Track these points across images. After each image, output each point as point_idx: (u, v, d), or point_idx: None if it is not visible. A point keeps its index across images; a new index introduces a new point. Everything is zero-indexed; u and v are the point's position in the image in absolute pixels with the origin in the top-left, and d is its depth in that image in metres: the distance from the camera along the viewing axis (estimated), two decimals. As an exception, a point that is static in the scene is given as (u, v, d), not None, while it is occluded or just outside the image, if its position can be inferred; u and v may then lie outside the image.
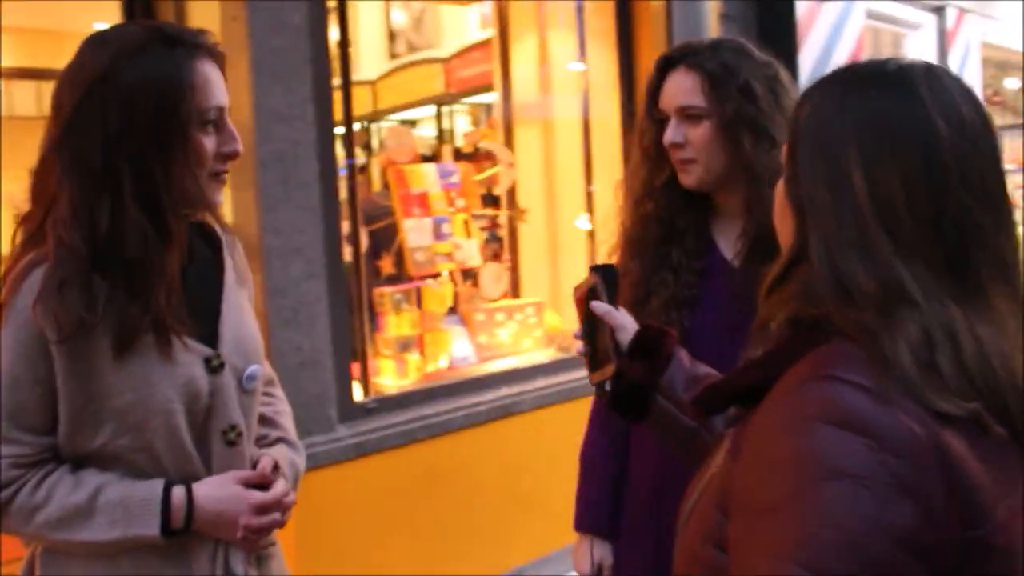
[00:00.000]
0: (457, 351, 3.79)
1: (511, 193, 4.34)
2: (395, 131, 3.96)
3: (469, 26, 5.58)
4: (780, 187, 0.93)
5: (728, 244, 1.63)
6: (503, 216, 4.42)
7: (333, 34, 3.05)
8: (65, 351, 1.25)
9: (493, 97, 4.92)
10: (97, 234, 1.26)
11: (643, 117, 1.65)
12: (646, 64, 4.08)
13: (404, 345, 3.57)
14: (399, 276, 3.85)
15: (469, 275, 4.04)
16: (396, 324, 3.57)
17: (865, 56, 5.15)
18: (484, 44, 5.29)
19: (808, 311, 0.85)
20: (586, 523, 1.72)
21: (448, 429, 3.22)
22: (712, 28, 4.23)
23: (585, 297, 1.37)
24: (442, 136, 5.86)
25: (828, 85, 0.90)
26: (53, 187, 1.29)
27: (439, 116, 5.92)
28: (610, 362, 1.29)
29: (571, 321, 4.24)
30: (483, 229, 4.20)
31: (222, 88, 1.36)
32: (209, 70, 1.33)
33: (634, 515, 1.66)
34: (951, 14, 6.67)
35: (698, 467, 1.26)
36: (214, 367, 1.36)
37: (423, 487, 3.14)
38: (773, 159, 1.52)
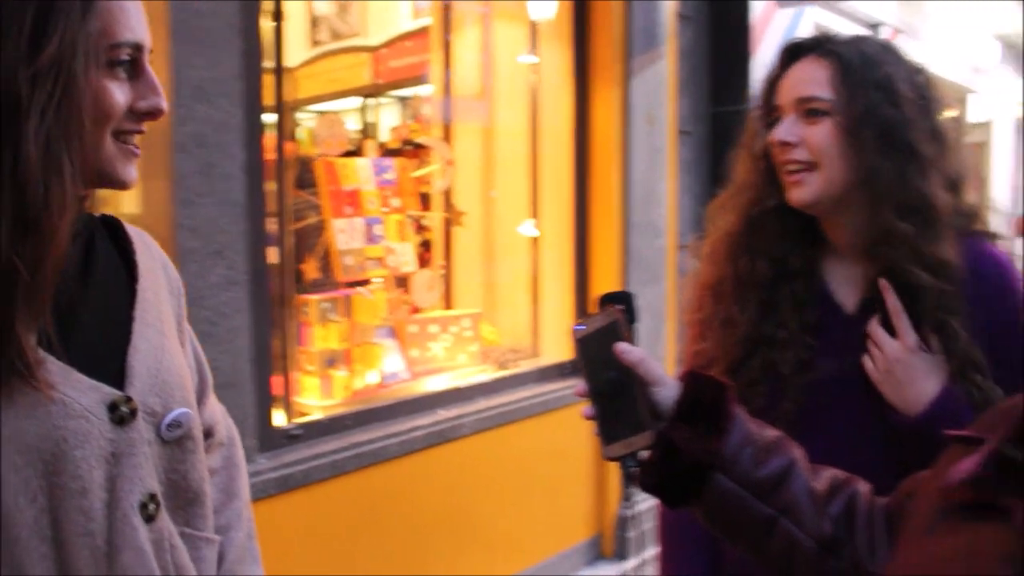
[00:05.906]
0: (388, 366, 3.42)
1: (447, 194, 3.99)
2: (327, 119, 3.56)
3: (400, 15, 5.19)
4: None
5: (842, 288, 1.30)
6: (435, 218, 4.06)
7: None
8: None
9: (427, 90, 4.56)
10: None
11: (754, 119, 1.32)
12: (601, 62, 3.79)
13: (330, 360, 3.18)
14: (323, 282, 3.45)
15: (401, 282, 3.67)
16: (322, 336, 3.17)
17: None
18: (418, 34, 4.93)
19: None
20: None
21: (381, 458, 2.85)
22: (670, 27, 3.98)
23: (589, 338, 1.01)
24: (367, 130, 5.45)
25: None
26: None
27: (364, 108, 5.50)
28: (643, 428, 0.95)
29: (508, 334, 3.97)
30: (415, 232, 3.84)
31: (141, 20, 0.97)
32: None
33: None
34: (885, 32, 6.68)
35: None
36: (122, 416, 0.98)
37: (355, 525, 2.77)
38: (906, 177, 1.20)
